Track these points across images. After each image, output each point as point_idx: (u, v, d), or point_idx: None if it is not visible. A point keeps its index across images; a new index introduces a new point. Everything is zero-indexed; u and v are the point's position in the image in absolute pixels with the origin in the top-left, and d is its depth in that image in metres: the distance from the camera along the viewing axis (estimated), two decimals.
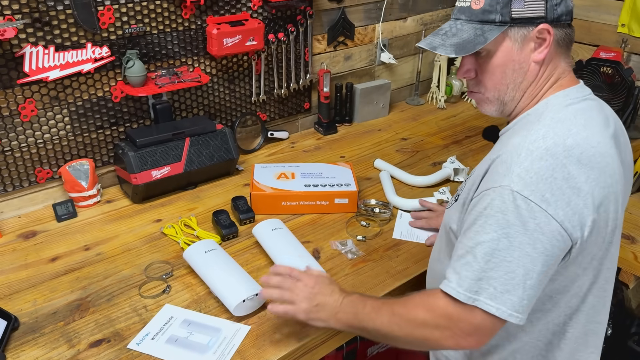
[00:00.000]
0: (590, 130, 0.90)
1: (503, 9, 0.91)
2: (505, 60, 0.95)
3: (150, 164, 1.52)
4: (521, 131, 0.92)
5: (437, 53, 1.01)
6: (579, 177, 0.85)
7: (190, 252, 1.27)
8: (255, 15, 1.78)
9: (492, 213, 0.85)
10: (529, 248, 0.83)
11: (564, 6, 0.92)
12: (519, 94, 0.98)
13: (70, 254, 1.37)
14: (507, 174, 0.86)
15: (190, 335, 1.10)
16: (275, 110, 2.00)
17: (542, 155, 0.85)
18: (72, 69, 1.46)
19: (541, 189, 0.83)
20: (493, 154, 0.94)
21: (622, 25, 2.05)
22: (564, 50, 0.96)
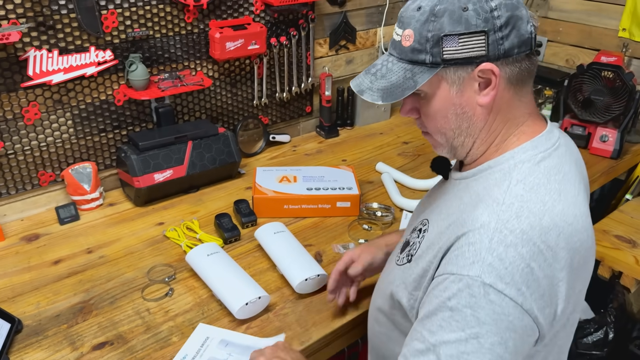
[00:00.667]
0: (566, 199, 0.79)
1: (433, 49, 0.78)
2: (444, 105, 0.82)
3: (152, 167, 1.52)
4: (486, 199, 0.79)
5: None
6: (555, 263, 0.75)
7: (192, 255, 1.27)
8: (258, 19, 1.79)
9: (460, 307, 0.73)
10: (501, 349, 0.72)
11: (515, 37, 0.77)
12: (469, 140, 0.85)
13: (73, 256, 1.37)
14: (477, 262, 0.73)
15: (230, 357, 1.06)
16: (277, 114, 2.00)
17: (517, 241, 0.73)
18: (76, 73, 1.47)
19: (517, 281, 0.72)
20: (452, 215, 0.82)
21: (623, 29, 2.05)
22: (522, 86, 0.82)
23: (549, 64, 2.33)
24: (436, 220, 0.87)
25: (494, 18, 0.76)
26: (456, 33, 0.77)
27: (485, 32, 0.76)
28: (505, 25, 0.77)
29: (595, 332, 1.64)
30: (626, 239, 1.72)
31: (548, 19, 2.29)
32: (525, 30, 0.78)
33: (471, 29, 0.76)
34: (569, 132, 2.00)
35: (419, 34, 0.79)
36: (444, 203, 0.89)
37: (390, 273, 0.95)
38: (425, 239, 0.87)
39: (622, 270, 1.66)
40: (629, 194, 2.00)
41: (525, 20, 0.79)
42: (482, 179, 0.83)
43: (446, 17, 0.77)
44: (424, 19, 0.78)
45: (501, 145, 0.84)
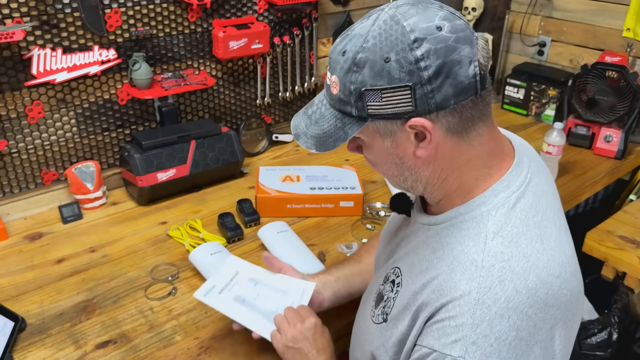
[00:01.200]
0: (549, 246, 0.73)
1: (357, 102, 0.70)
2: (382, 155, 0.75)
3: (155, 167, 1.52)
4: (462, 259, 0.71)
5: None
6: (545, 325, 0.69)
7: (195, 254, 1.27)
8: (261, 18, 1.79)
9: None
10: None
11: (449, 87, 0.66)
12: (419, 185, 0.78)
13: (76, 255, 1.37)
14: (459, 340, 0.67)
15: (257, 298, 1.05)
16: (280, 113, 2.00)
17: (503, 311, 0.67)
18: (79, 72, 1.47)
19: (504, 357, 0.67)
20: (425, 272, 0.76)
21: (628, 29, 2.05)
22: (469, 131, 0.71)
23: (553, 64, 2.33)
24: (409, 274, 0.80)
25: (420, 70, 0.66)
26: (378, 88, 0.68)
27: (410, 87, 0.66)
28: (434, 77, 0.66)
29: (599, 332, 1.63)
30: (630, 239, 1.71)
31: (552, 19, 2.29)
32: (464, 76, 0.67)
33: (394, 83, 0.67)
34: (573, 133, 1.99)
35: (342, 84, 0.71)
36: (414, 251, 0.81)
37: (368, 330, 0.88)
38: (400, 296, 0.80)
39: (626, 271, 1.65)
40: (633, 195, 1.99)
41: (465, 63, 0.67)
42: (453, 229, 0.75)
43: (367, 68, 0.68)
44: (347, 67, 0.70)
45: (463, 190, 0.76)
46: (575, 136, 1.99)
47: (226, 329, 1.13)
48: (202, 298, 1.05)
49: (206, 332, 1.12)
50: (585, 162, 1.91)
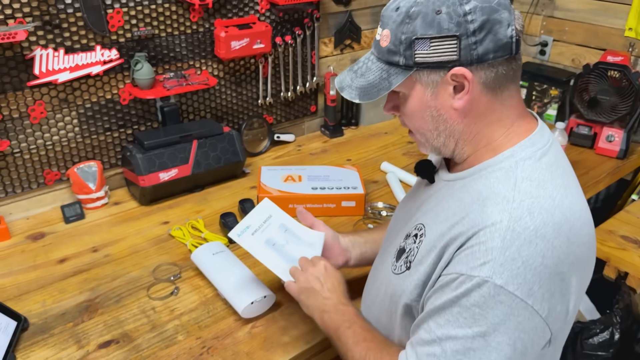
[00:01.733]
0: (571, 193, 0.80)
1: (406, 51, 0.76)
2: (420, 106, 0.81)
3: (157, 166, 1.53)
4: (494, 197, 0.77)
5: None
6: (567, 259, 0.75)
7: (197, 254, 1.27)
8: (263, 18, 1.79)
9: (468, 305, 0.73)
10: (508, 349, 0.72)
11: (490, 42, 0.74)
12: (450, 141, 0.83)
13: (79, 255, 1.37)
14: (488, 262, 0.72)
15: (286, 244, 1.11)
16: (281, 113, 2.00)
17: (531, 238, 0.72)
18: (81, 72, 1.47)
19: (529, 280, 0.71)
20: (453, 217, 0.80)
21: (630, 29, 2.04)
22: (502, 90, 0.79)
23: (555, 64, 2.32)
24: (434, 223, 0.84)
25: (467, 22, 0.74)
26: (428, 37, 0.75)
27: (457, 37, 0.74)
28: (479, 30, 0.74)
29: (601, 332, 1.63)
30: (632, 239, 1.71)
31: (554, 19, 2.28)
32: (503, 35, 0.75)
33: (443, 33, 0.74)
34: (575, 132, 1.99)
35: (394, 36, 0.78)
36: (439, 205, 0.86)
37: (389, 283, 0.92)
38: (424, 244, 0.84)
39: (628, 270, 1.65)
40: (635, 194, 1.99)
41: (504, 24, 0.75)
42: (482, 178, 0.81)
43: (419, 19, 0.75)
44: (400, 20, 0.77)
45: (492, 146, 0.82)
46: (577, 136, 1.99)
47: (228, 329, 1.13)
48: (235, 238, 1.10)
49: (208, 331, 1.12)
50: (587, 162, 1.91)
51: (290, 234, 1.14)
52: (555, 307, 0.75)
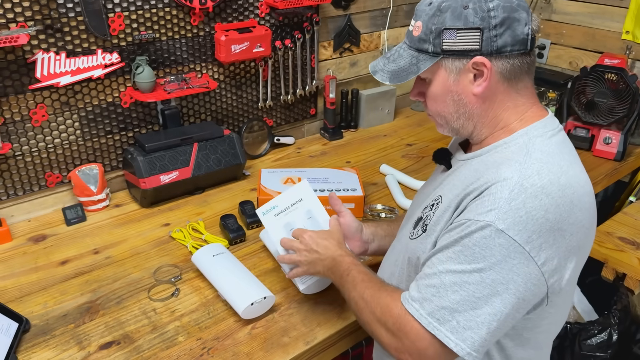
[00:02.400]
0: (577, 167, 0.89)
1: (435, 40, 0.87)
2: (443, 90, 0.91)
3: (158, 169, 1.54)
4: (508, 162, 0.86)
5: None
6: (569, 218, 0.82)
7: (198, 255, 1.28)
8: (263, 22, 1.81)
9: (470, 245, 0.81)
10: (501, 287, 0.79)
11: (508, 36, 0.85)
12: (469, 124, 0.93)
13: (80, 257, 1.38)
14: (494, 209, 0.80)
15: (305, 227, 1.16)
16: (281, 116, 2.01)
17: (537, 193, 0.80)
18: (83, 75, 1.48)
19: (529, 229, 0.79)
20: (468, 180, 0.89)
21: (627, 32, 2.06)
22: (517, 81, 0.89)
23: (553, 67, 2.34)
24: (450, 191, 0.92)
25: (490, 17, 0.84)
26: (455, 28, 0.85)
27: (480, 29, 0.85)
28: (500, 25, 0.84)
29: (599, 333, 1.64)
30: (630, 240, 1.72)
31: (551, 22, 2.30)
32: (520, 31, 0.85)
33: (468, 25, 0.85)
34: (572, 135, 2.00)
35: (425, 26, 0.88)
36: (457, 178, 0.94)
37: (406, 250, 0.99)
38: (440, 208, 0.92)
39: (625, 272, 1.66)
40: (633, 196, 2.00)
41: (522, 23, 0.85)
42: (498, 153, 0.90)
43: (449, 12, 0.86)
44: (432, 13, 0.87)
45: (508, 128, 0.91)
46: (574, 138, 2.00)
47: (229, 330, 1.14)
48: (260, 215, 1.16)
49: (209, 332, 1.13)
50: (585, 164, 1.86)
51: (313, 221, 1.20)
52: (553, 260, 0.81)
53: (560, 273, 0.84)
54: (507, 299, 0.80)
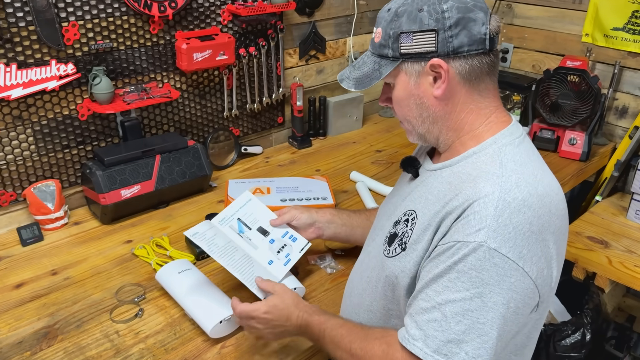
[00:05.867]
0: (548, 174, 0.89)
1: (393, 44, 0.88)
2: (405, 94, 0.91)
3: (119, 183, 1.47)
4: (484, 175, 0.85)
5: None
6: (549, 227, 0.82)
7: (162, 273, 1.22)
8: (226, 29, 1.77)
9: (466, 270, 0.78)
10: (503, 309, 0.78)
11: (464, 36, 0.84)
12: (435, 128, 0.92)
13: (37, 279, 1.31)
14: (483, 229, 0.78)
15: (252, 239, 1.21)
16: (248, 125, 1.97)
17: (520, 207, 0.80)
18: (36, 87, 1.41)
19: (519, 244, 0.78)
20: (445, 197, 0.87)
21: (586, 35, 2.10)
22: (478, 82, 0.88)
23: (516, 70, 2.37)
24: (424, 207, 0.91)
25: (445, 18, 0.84)
26: (411, 31, 0.86)
27: (435, 31, 0.85)
28: (455, 25, 0.84)
29: (572, 334, 1.65)
30: (598, 239, 1.74)
31: (513, 26, 2.33)
32: (477, 31, 0.85)
33: (424, 27, 0.85)
34: (538, 136, 2.03)
35: (384, 32, 0.89)
36: (428, 191, 0.92)
37: (382, 268, 0.96)
38: (418, 225, 0.90)
39: (595, 271, 1.67)
40: (599, 196, 2.03)
41: (479, 23, 0.85)
42: (469, 163, 0.89)
43: (405, 17, 0.87)
44: (390, 18, 0.89)
45: (474, 134, 0.91)
46: (540, 140, 2.02)
47: (197, 350, 1.09)
48: (216, 223, 1.21)
49: (175, 354, 1.08)
50: (552, 165, 1.90)
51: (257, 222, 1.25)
52: (542, 271, 0.81)
53: (548, 281, 0.84)
54: (509, 317, 0.79)
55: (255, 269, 1.15)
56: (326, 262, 1.36)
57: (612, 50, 2.04)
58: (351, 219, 1.28)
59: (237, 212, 1.24)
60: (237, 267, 1.13)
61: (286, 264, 1.20)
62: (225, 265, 1.12)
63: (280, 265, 1.20)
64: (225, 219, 1.22)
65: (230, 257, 1.14)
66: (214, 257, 1.13)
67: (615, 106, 2.08)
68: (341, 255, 1.40)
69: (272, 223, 1.26)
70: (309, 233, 1.27)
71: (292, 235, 1.26)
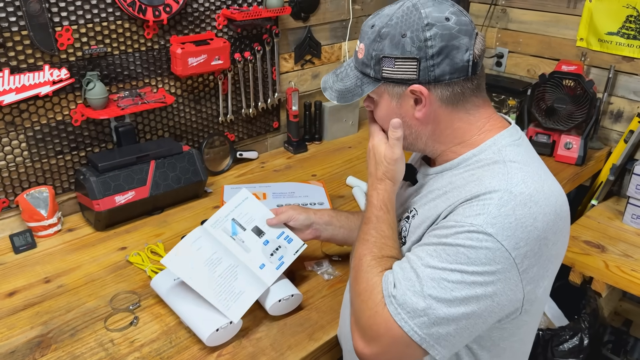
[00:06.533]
0: (550, 176, 0.88)
1: (375, 66, 0.88)
2: (387, 113, 0.92)
3: (113, 189, 1.46)
4: (489, 173, 0.84)
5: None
6: (553, 227, 0.82)
7: (157, 280, 1.21)
8: (221, 34, 1.76)
9: (454, 244, 0.79)
10: (481, 290, 0.78)
11: (446, 65, 0.84)
12: (420, 143, 0.93)
13: (30, 287, 1.29)
14: (483, 214, 0.79)
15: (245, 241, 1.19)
16: (243, 130, 1.96)
17: (526, 201, 0.79)
18: (29, 92, 1.40)
19: (517, 236, 0.78)
20: (448, 193, 0.87)
21: (581, 39, 2.11)
22: (464, 103, 0.88)
23: (511, 74, 2.38)
24: (426, 203, 0.92)
25: (427, 47, 0.83)
26: (393, 56, 0.86)
27: (417, 59, 0.84)
28: (437, 54, 0.83)
29: (570, 339, 1.64)
30: (595, 244, 1.74)
31: (508, 31, 2.34)
32: (460, 59, 0.84)
33: (406, 54, 0.85)
34: (534, 141, 2.03)
35: (367, 51, 0.89)
36: (430, 190, 0.93)
37: None
38: (416, 219, 0.92)
39: (592, 275, 1.67)
40: (595, 200, 2.04)
41: (462, 50, 0.84)
42: (471, 165, 0.88)
43: (388, 40, 0.86)
44: (373, 37, 0.88)
45: (468, 142, 0.90)
46: (536, 144, 2.02)
47: (193, 359, 1.07)
48: (208, 227, 1.19)
49: None
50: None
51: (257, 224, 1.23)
52: (533, 268, 0.80)
53: (537, 282, 0.83)
54: (484, 301, 0.79)
55: (238, 283, 1.13)
56: (323, 268, 1.35)
57: (607, 54, 2.05)
58: (349, 221, 1.27)
59: (232, 212, 1.23)
60: (215, 287, 1.10)
61: (279, 267, 1.19)
62: (200, 292, 1.08)
63: (272, 269, 1.18)
64: (219, 221, 1.20)
65: (210, 275, 1.11)
66: (189, 283, 1.09)
67: (610, 110, 2.09)
68: (338, 261, 1.39)
69: (268, 222, 1.24)
70: (306, 234, 1.26)
71: (287, 236, 1.24)
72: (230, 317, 1.08)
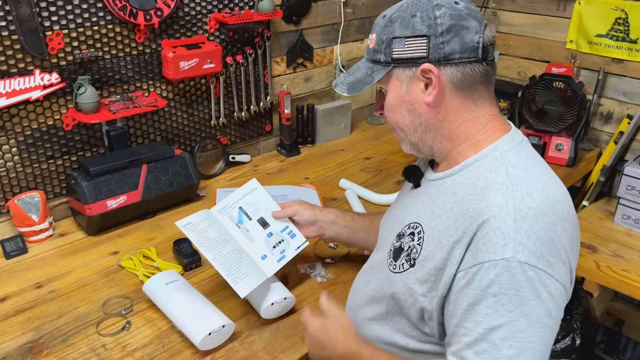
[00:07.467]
0: (555, 179, 0.87)
1: (386, 49, 0.89)
2: (397, 101, 0.91)
3: (105, 194, 1.45)
4: (491, 185, 0.83)
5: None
6: (564, 232, 0.81)
7: (150, 284, 1.20)
8: (212, 38, 1.76)
9: (503, 291, 0.75)
10: (547, 319, 0.76)
11: (456, 43, 0.84)
12: (428, 137, 0.91)
13: (21, 292, 1.28)
14: (508, 243, 0.76)
15: (249, 231, 1.20)
16: (235, 134, 1.96)
17: (536, 215, 0.78)
18: (19, 97, 1.39)
19: (545, 253, 0.77)
20: (454, 211, 0.85)
21: (571, 41, 2.13)
22: (472, 91, 0.87)
23: (502, 77, 2.39)
24: (432, 220, 0.89)
25: (437, 25, 0.85)
26: (403, 36, 0.87)
27: (427, 36, 0.85)
28: (447, 32, 0.84)
29: (562, 339, 1.65)
30: (586, 244, 1.75)
31: (499, 33, 2.35)
32: (470, 39, 0.84)
33: (416, 33, 0.86)
34: None
35: (378, 37, 0.90)
36: (433, 203, 0.91)
37: (388, 283, 0.94)
38: (427, 240, 0.88)
39: (584, 276, 1.68)
40: (586, 201, 2.05)
41: (472, 31, 0.85)
42: (472, 172, 0.87)
43: (398, 22, 0.87)
44: (384, 24, 0.90)
45: (472, 142, 0.89)
46: None
47: None
48: (215, 213, 1.21)
49: None
50: None
51: (260, 214, 1.25)
52: (567, 276, 0.81)
53: (569, 283, 0.83)
54: (552, 327, 0.78)
55: (244, 265, 1.14)
56: (316, 270, 1.35)
57: (596, 56, 2.07)
58: (355, 222, 1.27)
59: (240, 201, 1.24)
60: (224, 262, 1.12)
61: (280, 260, 1.20)
62: (210, 260, 1.12)
63: (273, 261, 1.19)
64: (226, 208, 1.22)
65: (219, 252, 1.14)
66: (201, 250, 1.13)
67: (600, 112, 2.11)
68: (331, 263, 1.39)
69: (274, 215, 1.25)
70: (310, 231, 1.26)
71: (291, 230, 1.25)
72: (239, 291, 1.09)
